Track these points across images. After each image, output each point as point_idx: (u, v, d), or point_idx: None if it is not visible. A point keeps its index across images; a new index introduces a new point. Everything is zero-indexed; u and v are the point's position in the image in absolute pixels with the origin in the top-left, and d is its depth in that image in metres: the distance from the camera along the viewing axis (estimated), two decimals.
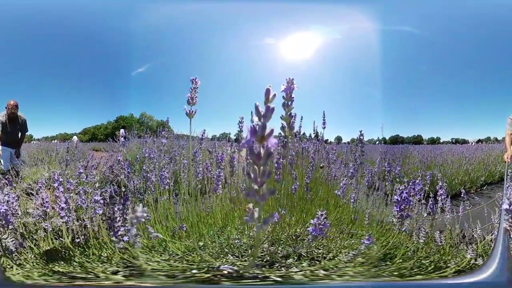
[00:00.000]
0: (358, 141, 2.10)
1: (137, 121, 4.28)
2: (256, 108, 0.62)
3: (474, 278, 1.28)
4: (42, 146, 4.08)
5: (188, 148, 2.94)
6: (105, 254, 1.65)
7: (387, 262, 1.55)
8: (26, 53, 3.43)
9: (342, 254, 1.56)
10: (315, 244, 1.68)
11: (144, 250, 1.63)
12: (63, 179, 1.79)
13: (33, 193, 2.50)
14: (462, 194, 2.39)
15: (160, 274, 1.35)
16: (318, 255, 1.60)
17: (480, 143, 4.54)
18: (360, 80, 3.65)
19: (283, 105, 1.28)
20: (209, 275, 1.33)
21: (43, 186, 1.87)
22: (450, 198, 2.09)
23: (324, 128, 2.71)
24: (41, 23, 3.25)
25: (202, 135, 2.71)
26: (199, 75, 1.64)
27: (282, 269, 1.41)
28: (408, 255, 1.65)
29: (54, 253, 1.62)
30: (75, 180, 2.06)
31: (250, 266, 1.38)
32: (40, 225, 1.79)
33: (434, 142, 4.51)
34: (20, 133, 3.32)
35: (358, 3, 3.09)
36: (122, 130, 2.25)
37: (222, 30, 3.42)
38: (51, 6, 3.13)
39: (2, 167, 3.10)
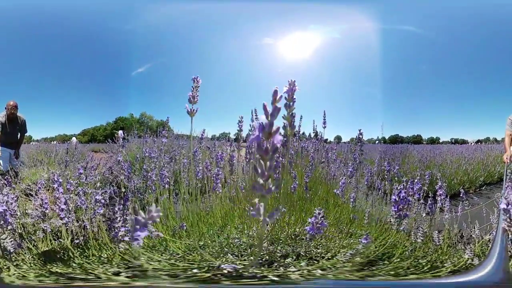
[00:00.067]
0: (357, 140, 2.09)
1: (137, 121, 4.29)
2: (264, 107, 0.67)
3: (468, 277, 1.29)
4: (41, 147, 4.08)
5: (187, 147, 2.95)
6: (105, 255, 1.65)
7: (385, 261, 1.55)
8: (26, 53, 3.44)
9: (340, 254, 1.56)
10: (314, 243, 1.69)
11: (145, 249, 1.64)
12: (63, 180, 1.79)
13: (32, 194, 2.50)
14: (461, 194, 2.39)
15: (161, 273, 1.35)
16: (317, 255, 1.61)
17: (479, 144, 4.54)
18: (359, 79, 3.65)
19: (285, 105, 1.33)
20: (209, 275, 1.34)
21: (42, 187, 1.87)
22: (449, 198, 2.10)
23: (324, 127, 2.71)
24: (41, 24, 3.26)
25: (202, 135, 2.72)
26: (199, 75, 1.64)
27: (281, 268, 1.42)
28: (405, 255, 1.66)
29: (53, 254, 1.62)
30: (75, 181, 2.06)
31: (252, 264, 1.39)
32: (39, 226, 1.78)
33: (433, 142, 4.51)
34: (19, 133, 3.31)
35: (358, 3, 3.10)
36: (121, 132, 2.25)
37: (221, 30, 3.43)
38: (51, 7, 3.14)
39: (1, 168, 3.09)
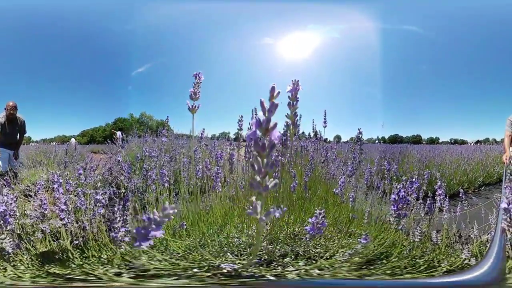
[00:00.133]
0: (356, 139, 2.09)
1: (137, 121, 4.29)
2: (261, 103, 0.66)
3: (465, 277, 1.30)
4: (41, 148, 4.08)
5: (187, 147, 2.96)
6: (105, 255, 1.64)
7: (383, 261, 1.56)
8: (26, 54, 3.44)
9: (339, 254, 1.57)
10: (313, 243, 1.69)
11: (145, 249, 1.64)
12: (63, 181, 1.79)
13: (31, 194, 2.50)
14: (461, 194, 2.40)
15: (163, 273, 1.36)
16: (315, 254, 1.61)
17: (478, 144, 4.54)
18: (359, 79, 3.66)
19: (289, 104, 1.31)
20: (209, 274, 1.35)
21: (42, 188, 1.87)
22: (448, 198, 2.10)
23: (325, 127, 2.70)
24: (40, 24, 3.26)
25: (201, 134, 2.72)
26: (194, 79, 1.63)
27: (279, 268, 1.43)
28: (403, 254, 1.66)
29: (51, 255, 1.61)
30: (75, 181, 2.05)
31: (250, 264, 1.40)
32: (37, 226, 1.78)
33: (433, 142, 4.51)
34: (18, 134, 3.30)
35: (357, 3, 3.10)
36: (119, 133, 2.25)
37: (221, 30, 3.43)
38: (51, 7, 3.14)
39: (1, 169, 3.08)
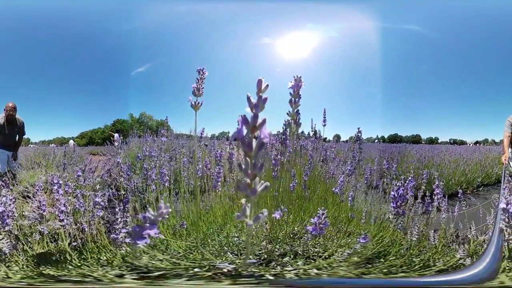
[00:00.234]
0: (356, 138, 2.09)
1: (136, 121, 4.29)
2: (248, 98, 0.60)
3: (458, 276, 1.31)
4: (39, 149, 4.08)
5: (187, 147, 2.97)
6: (104, 257, 1.65)
7: (381, 259, 1.57)
8: (26, 54, 3.44)
9: (337, 253, 1.58)
10: (312, 242, 1.70)
11: (146, 249, 1.64)
12: (62, 182, 1.79)
13: (29, 196, 2.50)
14: (459, 194, 2.41)
15: (165, 273, 1.37)
16: (314, 254, 1.63)
17: (478, 145, 4.55)
18: (359, 79, 3.66)
19: (290, 101, 1.25)
20: (210, 274, 1.36)
21: (40, 189, 1.87)
22: (446, 198, 2.11)
23: (324, 125, 2.69)
24: (40, 25, 3.26)
25: (201, 134, 2.73)
26: (197, 74, 1.62)
27: (278, 267, 1.44)
28: (401, 253, 1.68)
29: (48, 256, 1.61)
30: (73, 183, 2.06)
31: (243, 264, 1.40)
32: (35, 228, 1.78)
33: (432, 142, 4.52)
34: (17, 135, 3.29)
35: (357, 2, 3.09)
36: (116, 135, 2.26)
37: (220, 30, 3.43)
38: (51, 8, 3.13)
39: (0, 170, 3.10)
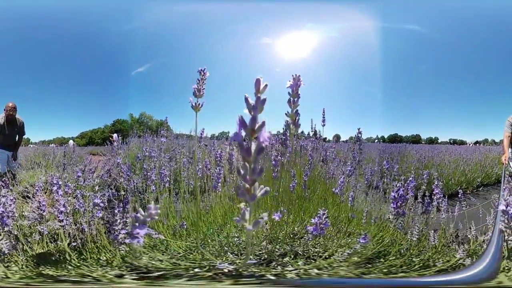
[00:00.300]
0: (356, 138, 2.09)
1: (136, 121, 4.28)
2: (245, 99, 0.57)
3: (457, 276, 1.31)
4: (39, 149, 4.08)
5: (187, 147, 2.97)
6: (104, 257, 1.64)
7: (381, 259, 1.57)
8: (26, 54, 3.44)
9: (338, 253, 1.58)
10: (312, 242, 1.70)
11: (146, 249, 1.64)
12: (62, 183, 1.78)
13: (29, 196, 2.50)
14: (459, 194, 2.41)
15: (165, 274, 1.37)
16: (315, 254, 1.63)
17: (477, 145, 4.55)
18: (359, 78, 3.66)
19: (289, 101, 1.21)
20: (210, 274, 1.36)
21: (40, 190, 1.87)
22: (446, 198, 2.11)
23: (323, 125, 2.69)
24: (40, 25, 3.26)
25: (201, 134, 2.73)
26: (198, 75, 1.61)
27: (279, 267, 1.44)
28: (401, 253, 1.68)
29: (48, 256, 1.61)
30: (73, 184, 2.05)
31: (243, 264, 1.40)
32: (35, 228, 1.78)
33: (432, 142, 4.52)
34: (17, 135, 3.29)
35: (356, 2, 3.09)
36: (115, 135, 2.25)
37: (220, 30, 3.43)
38: (51, 8, 3.13)
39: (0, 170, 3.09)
